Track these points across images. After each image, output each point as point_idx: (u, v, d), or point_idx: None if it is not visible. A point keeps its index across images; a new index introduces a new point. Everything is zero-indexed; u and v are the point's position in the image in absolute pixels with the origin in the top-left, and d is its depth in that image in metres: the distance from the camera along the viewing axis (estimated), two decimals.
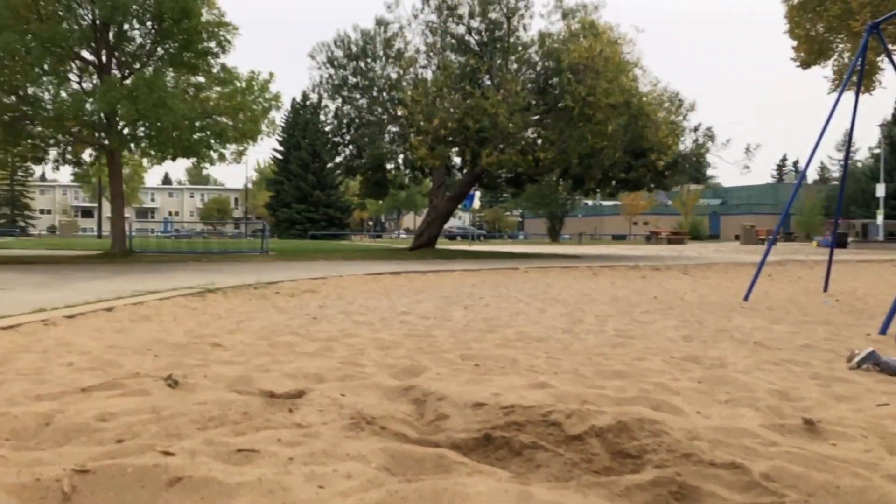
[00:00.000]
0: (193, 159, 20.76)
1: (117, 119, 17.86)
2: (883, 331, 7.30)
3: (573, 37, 22.02)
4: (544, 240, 65.95)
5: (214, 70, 18.91)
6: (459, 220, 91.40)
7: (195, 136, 18.28)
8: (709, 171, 70.97)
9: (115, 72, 18.50)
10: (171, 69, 18.75)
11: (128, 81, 17.64)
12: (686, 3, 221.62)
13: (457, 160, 26.60)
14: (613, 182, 26.29)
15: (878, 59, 27.47)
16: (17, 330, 5.10)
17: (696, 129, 24.78)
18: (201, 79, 19.55)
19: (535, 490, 1.72)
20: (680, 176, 26.21)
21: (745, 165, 25.59)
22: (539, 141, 23.04)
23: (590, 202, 77.73)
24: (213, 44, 18.33)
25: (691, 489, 1.83)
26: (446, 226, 41.70)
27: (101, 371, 3.46)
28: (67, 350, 4.16)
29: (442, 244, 33.83)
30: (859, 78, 10.32)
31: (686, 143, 24.59)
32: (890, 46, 9.94)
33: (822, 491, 1.82)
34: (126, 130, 18.42)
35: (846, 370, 4.16)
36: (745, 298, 8.95)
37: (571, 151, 21.28)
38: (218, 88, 19.24)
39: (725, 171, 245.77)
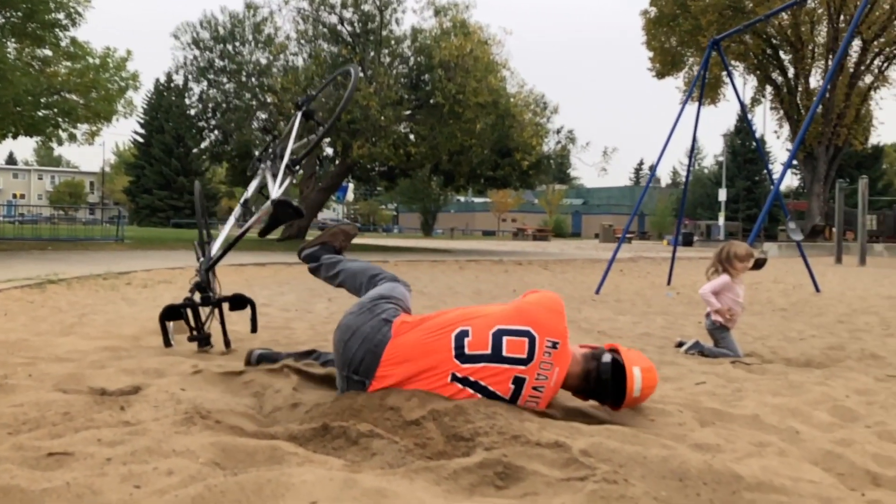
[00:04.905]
0: (39, 138, 19.22)
1: None
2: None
3: (445, 34, 22.28)
4: (418, 234, 66.51)
5: (63, 43, 17.55)
6: (333, 213, 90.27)
7: (40, 114, 16.93)
8: (572, 172, 74.47)
9: None
10: (12, 39, 17.20)
11: None
12: (554, 11, 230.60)
13: (328, 151, 26.26)
14: (482, 179, 26.92)
15: (724, 73, 29.90)
16: None
17: (558, 132, 25.79)
18: (48, 52, 18.10)
19: (361, 477, 1.74)
20: (544, 175, 27.27)
21: (603, 167, 27.05)
22: (411, 136, 23.17)
23: (461, 198, 79.24)
24: (61, 15, 16.98)
25: (516, 468, 1.91)
26: (319, 217, 41.04)
27: None
28: None
29: (313, 236, 33.21)
30: (701, 90, 11.22)
31: (549, 145, 25.55)
32: (732, 63, 10.83)
33: (632, 461, 1.97)
34: None
35: (675, 355, 4.52)
36: (597, 292, 9.47)
37: (441, 148, 21.57)
38: (67, 63, 17.90)
39: (588, 172, 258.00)
